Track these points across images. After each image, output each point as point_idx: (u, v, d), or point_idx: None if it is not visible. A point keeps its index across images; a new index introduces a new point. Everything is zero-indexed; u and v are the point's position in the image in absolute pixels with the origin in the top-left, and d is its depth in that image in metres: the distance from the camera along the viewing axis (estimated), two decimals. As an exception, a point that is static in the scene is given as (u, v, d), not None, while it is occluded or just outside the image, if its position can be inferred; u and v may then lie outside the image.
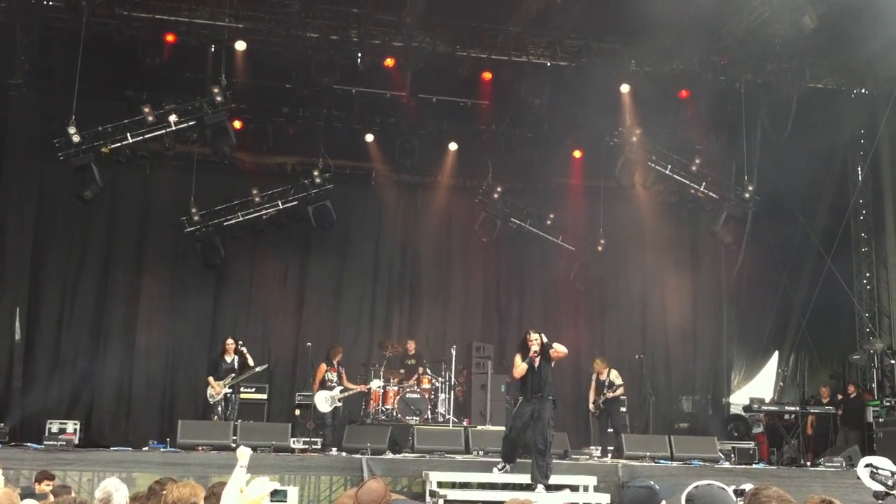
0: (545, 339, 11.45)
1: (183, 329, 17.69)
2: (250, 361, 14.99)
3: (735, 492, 5.31)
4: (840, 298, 18.35)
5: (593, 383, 15.64)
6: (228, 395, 14.61)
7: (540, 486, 10.94)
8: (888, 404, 16.84)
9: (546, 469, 11.10)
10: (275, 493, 4.24)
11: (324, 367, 15.30)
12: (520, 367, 11.35)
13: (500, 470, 11.62)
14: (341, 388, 15.19)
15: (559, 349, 11.49)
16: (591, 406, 15.67)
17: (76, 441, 13.25)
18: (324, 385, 15.15)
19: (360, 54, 16.20)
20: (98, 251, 17.59)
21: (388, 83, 16.87)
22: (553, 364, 11.56)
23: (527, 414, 11.33)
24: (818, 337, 19.05)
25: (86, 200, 15.58)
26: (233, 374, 14.64)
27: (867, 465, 7.67)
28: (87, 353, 17.14)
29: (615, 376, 15.35)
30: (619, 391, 15.26)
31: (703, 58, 16.72)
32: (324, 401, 15.06)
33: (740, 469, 13.39)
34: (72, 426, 13.82)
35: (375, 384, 15.46)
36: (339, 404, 15.18)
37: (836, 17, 14.67)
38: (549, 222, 18.67)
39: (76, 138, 14.90)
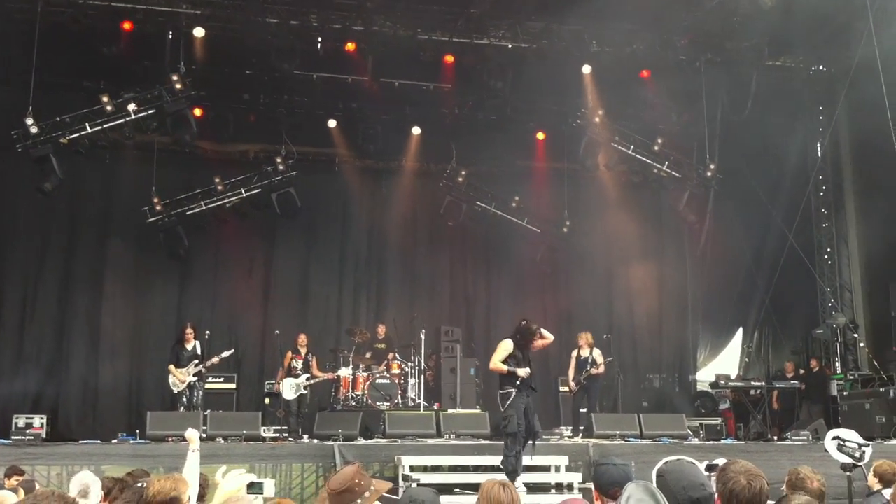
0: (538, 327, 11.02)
1: (148, 320, 17.56)
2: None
3: (707, 467, 5.38)
4: (802, 274, 18.61)
5: (573, 360, 15.49)
6: (193, 383, 14.50)
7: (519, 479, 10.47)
8: (852, 378, 17.12)
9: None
10: (251, 486, 4.21)
11: (290, 354, 15.35)
12: (500, 365, 10.69)
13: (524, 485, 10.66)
14: (307, 375, 15.17)
15: (548, 336, 11.14)
16: (571, 383, 15.47)
17: (43, 435, 13.11)
18: (290, 373, 15.13)
19: (320, 39, 16.09)
20: (59, 243, 17.37)
21: (349, 68, 16.78)
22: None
23: (522, 408, 10.68)
24: (781, 313, 19.30)
25: (46, 192, 15.39)
26: (195, 362, 14.52)
27: (834, 438, 7.81)
28: (51, 346, 16.98)
29: (598, 354, 15.37)
30: (602, 368, 15.31)
31: (663, 38, 16.83)
32: (288, 388, 15.07)
33: (709, 445, 13.54)
34: (38, 421, 13.66)
35: (343, 372, 15.44)
36: (305, 392, 15.16)
37: (794, -6, 14.82)
38: (514, 205, 18.70)
39: (34, 129, 14.72)
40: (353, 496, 3.91)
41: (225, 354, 14.86)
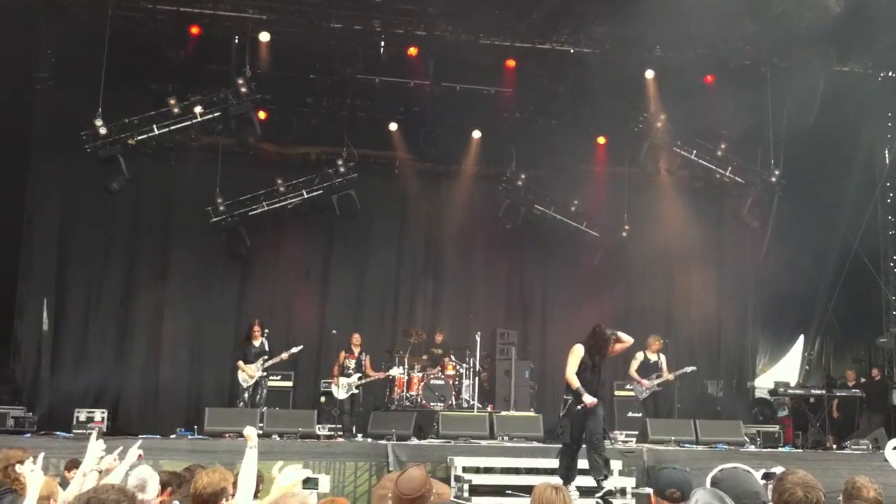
0: (613, 331, 10.69)
1: (208, 319, 17.85)
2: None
3: (765, 475, 5.34)
4: (866, 282, 18.27)
5: (638, 362, 15.22)
6: (259, 380, 14.74)
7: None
8: (914, 387, 16.79)
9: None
10: (307, 481, 4.29)
11: (343, 354, 15.55)
12: (573, 379, 10.40)
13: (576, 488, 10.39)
14: (359, 375, 15.33)
15: (626, 339, 10.75)
16: (643, 384, 15.12)
17: (104, 429, 13.40)
18: (343, 372, 15.29)
19: (382, 44, 16.21)
20: (124, 242, 17.75)
21: (411, 72, 16.91)
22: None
23: (580, 417, 10.38)
24: (844, 320, 18.97)
25: (112, 192, 15.76)
26: (265, 357, 14.77)
27: (895, 448, 7.68)
28: (114, 343, 17.34)
29: (664, 361, 15.27)
30: (672, 377, 15.24)
31: (728, 43, 16.64)
32: (340, 387, 15.24)
33: (766, 453, 13.39)
34: (99, 415, 13.95)
35: (395, 371, 15.56)
36: (357, 391, 15.33)
37: (861, -1, 14.57)
38: (573, 209, 18.63)
39: (103, 131, 15.09)
40: (424, 501, 3.93)
41: (294, 350, 15.08)
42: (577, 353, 10.47)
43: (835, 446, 15.08)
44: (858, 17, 15.21)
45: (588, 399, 10.22)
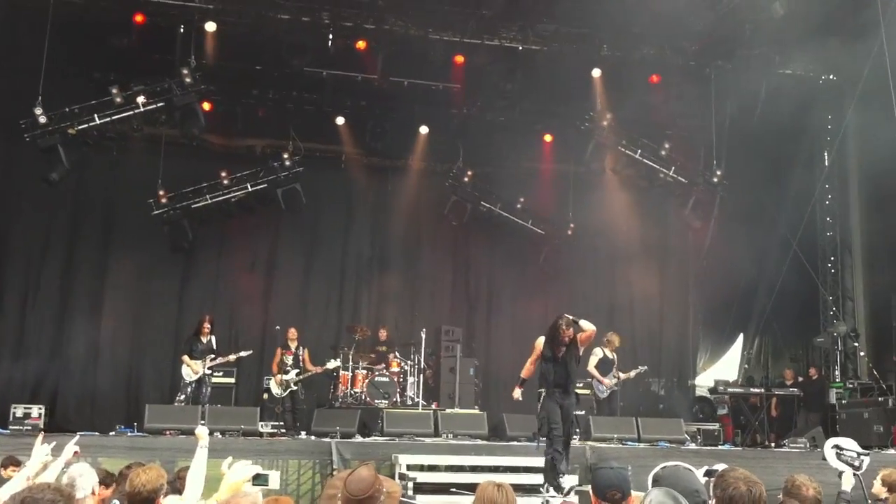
0: (570, 319, 10.03)
1: (149, 313, 17.59)
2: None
3: (706, 472, 5.40)
4: (805, 282, 18.60)
5: (596, 359, 14.83)
6: (203, 377, 14.56)
7: (551, 490, 9.96)
8: (851, 386, 17.12)
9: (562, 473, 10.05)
10: (256, 477, 4.23)
11: (279, 350, 15.36)
12: (526, 367, 10.38)
13: (562, 494, 9.92)
14: (297, 370, 15.17)
15: (587, 327, 10.08)
16: (605, 384, 14.79)
17: (41, 426, 13.13)
18: (281, 369, 15.16)
19: (331, 36, 16.10)
20: (64, 234, 17.42)
21: (359, 66, 16.80)
22: (581, 350, 10.39)
23: (556, 409, 10.06)
24: (782, 320, 19.29)
25: (52, 183, 15.42)
26: (211, 356, 14.60)
27: (833, 447, 7.81)
28: (52, 337, 17.01)
29: (615, 359, 15.27)
30: (632, 375, 15.32)
31: (673, 43, 16.82)
32: (278, 385, 15.10)
33: (706, 450, 13.52)
34: (37, 411, 13.65)
35: (332, 364, 15.37)
36: (296, 387, 15.17)
37: (805, 3, 14.79)
38: (519, 206, 18.71)
39: (43, 119, 14.79)
40: (374, 501, 3.89)
41: (243, 354, 14.97)
42: (536, 345, 10.24)
43: (773, 444, 15.32)
44: (801, 20, 15.46)
45: (515, 392, 10.53)
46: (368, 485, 3.86)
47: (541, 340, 10.20)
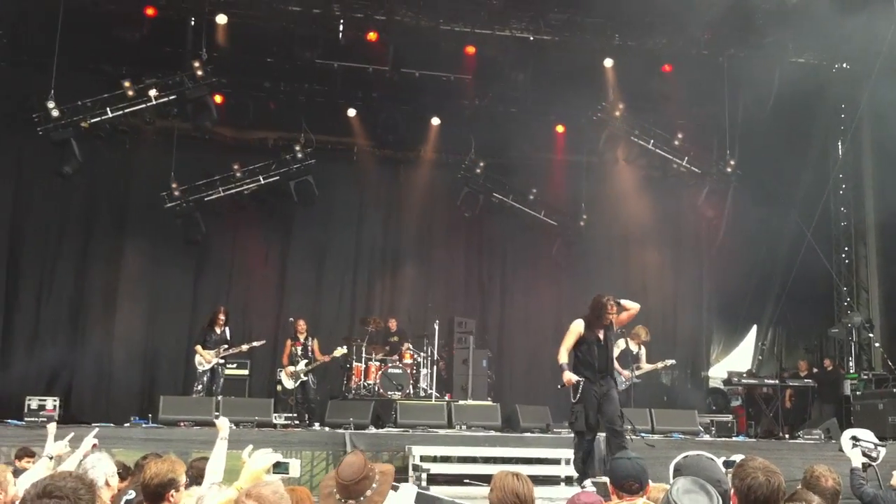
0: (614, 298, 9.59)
1: (163, 305, 17.61)
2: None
3: (725, 462, 5.38)
4: (819, 273, 18.51)
5: (618, 351, 13.91)
6: (216, 368, 14.59)
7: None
8: (865, 377, 17.04)
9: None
10: (277, 465, 4.24)
11: (289, 342, 15.35)
12: (560, 354, 9.50)
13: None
14: (306, 361, 15.11)
15: (631, 306, 9.74)
16: (624, 375, 14.32)
17: (56, 417, 13.17)
18: (291, 361, 15.15)
19: (342, 28, 16.09)
20: (77, 227, 17.44)
21: (370, 57, 16.77)
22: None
23: (593, 402, 9.42)
24: (797, 311, 19.21)
25: (65, 176, 15.50)
26: (224, 346, 14.63)
27: (851, 437, 7.77)
28: (67, 329, 17.04)
29: (643, 352, 15.11)
30: (659, 367, 15.23)
31: (686, 32, 16.73)
32: (287, 377, 15.07)
33: (720, 442, 13.50)
34: (51, 403, 13.66)
35: (339, 352, 15.23)
36: (306, 378, 15.11)
37: (818, -9, 14.73)
38: (531, 197, 18.66)
39: (55, 113, 14.84)
40: (368, 482, 3.93)
41: (256, 344, 14.97)
42: (574, 328, 9.53)
43: (787, 436, 15.27)
44: (814, 8, 15.36)
45: (566, 377, 9.36)
46: (359, 468, 3.92)
47: (577, 323, 9.57)
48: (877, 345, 18.00)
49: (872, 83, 16.96)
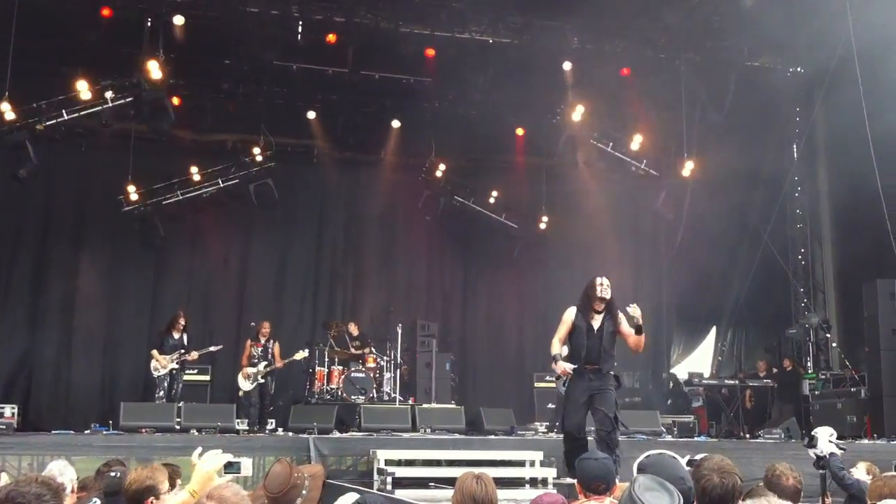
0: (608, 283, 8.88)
1: (122, 310, 17.40)
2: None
3: (689, 462, 5.41)
4: (776, 274, 18.76)
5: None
6: (175, 373, 14.41)
7: None
8: (824, 377, 17.27)
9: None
10: (229, 465, 4.18)
11: (249, 343, 15.14)
12: (552, 344, 8.89)
13: None
14: (265, 363, 14.90)
15: (635, 314, 8.79)
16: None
17: (15, 425, 12.96)
18: (250, 362, 14.96)
19: (301, 30, 15.99)
20: (34, 231, 17.19)
21: (329, 59, 16.70)
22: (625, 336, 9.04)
23: (581, 398, 8.77)
24: (755, 312, 19.45)
25: (21, 180, 15.25)
26: (181, 351, 14.45)
27: (830, 434, 7.85)
28: (24, 335, 16.76)
29: None
30: None
31: (644, 35, 16.87)
32: (244, 378, 14.87)
33: (682, 442, 13.58)
34: (9, 410, 13.42)
35: (300, 355, 15.12)
36: (264, 381, 14.90)
37: (774, -4, 14.92)
38: (492, 200, 18.69)
39: (9, 115, 14.58)
40: (297, 491, 3.88)
41: (213, 349, 14.80)
42: (566, 317, 8.91)
43: (748, 436, 15.43)
44: (769, 13, 15.56)
45: (559, 367, 8.74)
46: (285, 478, 3.87)
47: (569, 311, 8.96)
48: (834, 345, 18.26)
49: (827, 87, 17.24)
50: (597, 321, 8.95)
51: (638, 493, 2.83)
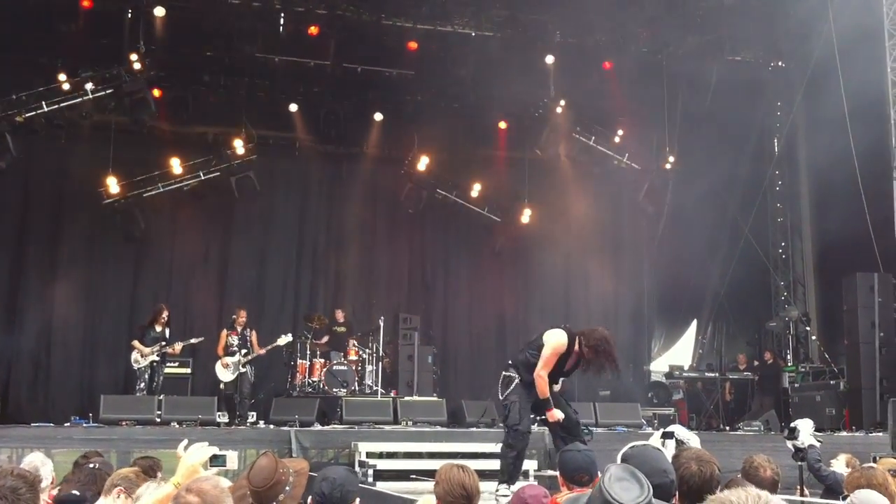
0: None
1: (102, 303, 17.26)
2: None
3: (664, 434, 5.44)
4: (756, 267, 18.88)
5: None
6: (155, 365, 14.33)
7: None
8: (803, 370, 17.39)
9: None
10: (214, 458, 4.17)
11: (224, 332, 14.87)
12: (544, 379, 8.18)
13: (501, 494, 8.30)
14: (245, 351, 14.70)
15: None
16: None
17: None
18: (227, 351, 14.73)
19: (283, 22, 15.95)
20: (12, 223, 17.01)
21: (311, 52, 16.70)
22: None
23: (528, 396, 8.44)
24: (735, 305, 19.53)
25: (0, 171, 15.12)
26: (161, 344, 14.37)
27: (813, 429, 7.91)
28: (2, 327, 16.60)
29: None
30: None
31: (625, 29, 16.91)
32: (223, 368, 14.67)
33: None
34: (-11, 402, 13.44)
35: (283, 340, 14.94)
36: (245, 370, 14.68)
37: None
38: (474, 193, 18.68)
39: (-11, 107, 14.47)
40: (280, 487, 3.87)
41: (193, 341, 14.71)
42: (557, 345, 8.19)
43: (727, 428, 15.52)
44: (750, 7, 15.65)
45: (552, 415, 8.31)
46: (270, 473, 3.85)
47: (563, 341, 8.23)
48: (813, 338, 18.39)
49: (807, 81, 17.33)
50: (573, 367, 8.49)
51: (607, 486, 2.83)
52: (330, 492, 4.31)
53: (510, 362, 8.84)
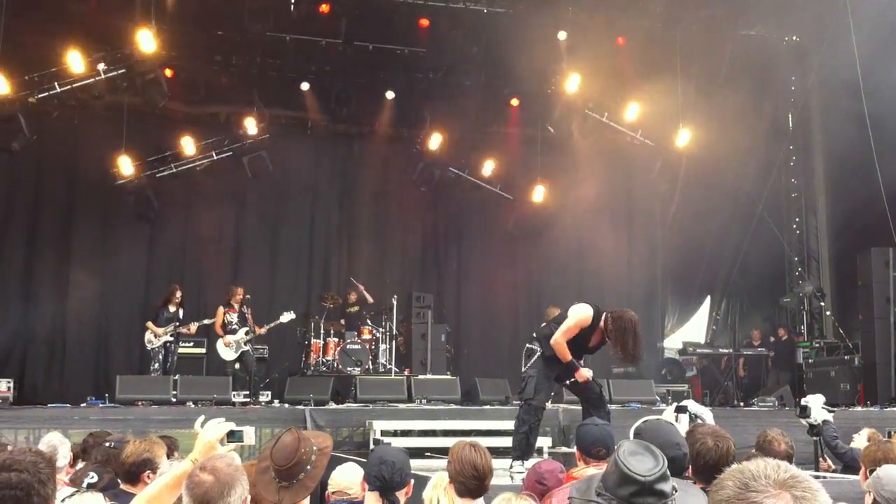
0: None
1: (116, 283, 17.31)
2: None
3: (677, 408, 5.46)
4: (770, 243, 18.78)
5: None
6: (169, 345, 14.38)
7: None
8: (817, 346, 17.35)
9: None
10: (231, 434, 4.19)
11: (221, 309, 14.66)
12: (562, 345, 8.26)
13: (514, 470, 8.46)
14: (246, 329, 14.65)
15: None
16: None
17: (10, 399, 12.99)
18: (226, 330, 14.64)
19: (293, 1, 15.89)
20: (26, 204, 17.08)
21: (322, 30, 16.60)
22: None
23: (552, 374, 8.56)
24: (749, 281, 19.48)
25: (14, 152, 15.20)
26: (175, 324, 14.41)
27: (825, 405, 7.93)
28: (18, 309, 16.71)
29: None
30: None
31: (638, 5, 16.78)
32: (225, 347, 14.58)
33: (676, 411, 13.64)
34: (4, 384, 13.44)
35: (286, 317, 14.89)
36: (247, 347, 14.63)
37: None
38: (487, 171, 18.63)
39: (2, 88, 14.47)
40: (301, 466, 3.87)
41: (206, 322, 14.74)
42: (582, 317, 8.25)
43: (742, 404, 15.51)
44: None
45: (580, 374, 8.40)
46: (292, 451, 3.85)
47: (588, 314, 8.29)
48: (828, 313, 18.33)
49: (822, 55, 17.18)
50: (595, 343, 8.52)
51: (622, 458, 2.85)
52: (391, 476, 4.33)
53: (534, 335, 8.91)
